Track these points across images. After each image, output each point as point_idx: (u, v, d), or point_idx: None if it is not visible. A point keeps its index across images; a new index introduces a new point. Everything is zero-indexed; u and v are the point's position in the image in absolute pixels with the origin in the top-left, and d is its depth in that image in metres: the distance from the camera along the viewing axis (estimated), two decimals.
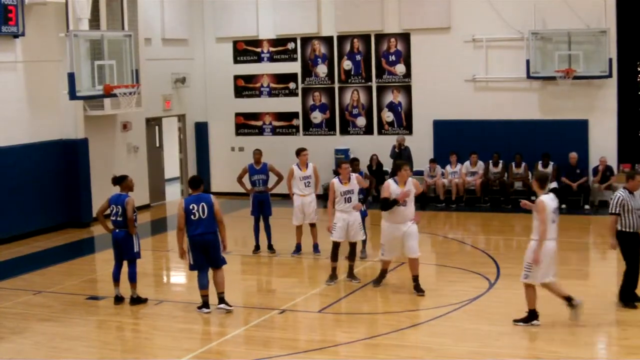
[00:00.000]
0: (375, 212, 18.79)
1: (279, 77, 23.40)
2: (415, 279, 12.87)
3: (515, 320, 11.36)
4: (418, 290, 12.81)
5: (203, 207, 11.94)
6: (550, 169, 20.44)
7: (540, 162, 20.55)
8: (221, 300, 12.20)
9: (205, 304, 12.29)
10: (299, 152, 15.98)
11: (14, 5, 17.69)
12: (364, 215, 15.35)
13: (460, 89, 21.50)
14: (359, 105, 22.67)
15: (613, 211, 11.68)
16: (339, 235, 13.68)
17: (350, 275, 13.79)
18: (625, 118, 20.53)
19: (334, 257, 13.77)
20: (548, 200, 11.01)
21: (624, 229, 11.70)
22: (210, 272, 12.27)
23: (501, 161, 21.00)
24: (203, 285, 12.27)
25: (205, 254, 12.11)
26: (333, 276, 13.76)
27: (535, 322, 11.30)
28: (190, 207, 11.99)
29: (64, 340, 11.35)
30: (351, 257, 13.81)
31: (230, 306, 12.20)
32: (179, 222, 12.07)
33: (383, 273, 13.45)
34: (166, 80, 22.92)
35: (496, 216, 19.87)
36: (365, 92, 22.58)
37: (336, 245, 13.77)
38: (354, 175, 13.83)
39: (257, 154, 16.33)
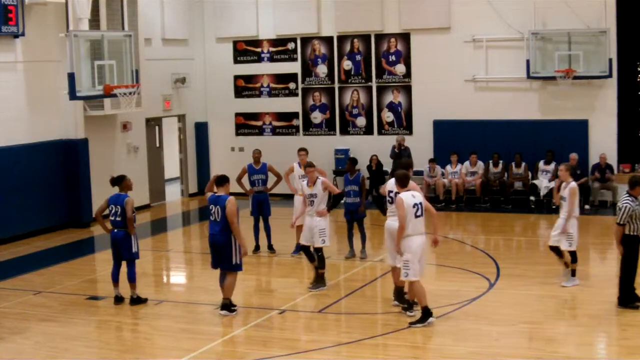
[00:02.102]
0: (375, 211, 18.81)
1: (279, 77, 23.40)
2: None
3: (411, 323, 11.33)
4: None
5: (218, 210, 11.95)
6: (552, 166, 20.42)
7: (542, 160, 20.52)
8: (224, 306, 12.16)
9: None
10: (298, 152, 16.00)
11: (14, 5, 17.69)
12: (362, 216, 15.36)
13: (460, 89, 21.50)
14: (359, 105, 22.67)
15: (621, 222, 11.58)
16: (304, 238, 13.64)
17: (315, 282, 13.48)
18: (625, 118, 20.53)
19: (309, 259, 13.62)
20: (406, 198, 11.26)
21: (630, 233, 11.66)
22: None
23: (501, 161, 20.99)
24: (221, 284, 12.27)
25: (217, 255, 12.11)
26: (322, 279, 13.49)
27: (431, 319, 11.35)
28: (210, 207, 12.08)
29: (64, 340, 11.35)
30: (318, 263, 13.48)
31: (232, 311, 12.15)
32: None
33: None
34: (166, 80, 22.92)
35: (496, 216, 19.87)
36: (365, 92, 22.58)
37: (304, 248, 13.64)
38: (320, 180, 13.64)
39: (257, 153, 16.33)
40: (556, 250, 13.33)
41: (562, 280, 13.20)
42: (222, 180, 12.15)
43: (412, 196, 11.33)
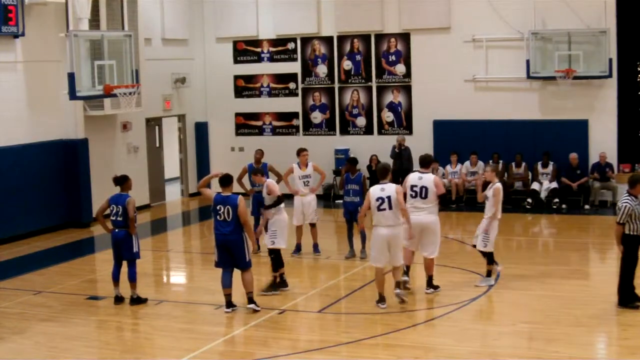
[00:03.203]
0: None
1: (279, 77, 23.40)
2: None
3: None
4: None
5: (228, 209, 11.93)
6: (550, 168, 20.45)
7: (540, 162, 20.56)
8: (250, 300, 12.21)
9: (226, 304, 12.29)
10: (299, 152, 16.02)
11: (14, 5, 17.70)
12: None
13: (460, 89, 21.50)
14: (359, 105, 22.67)
15: (621, 221, 11.58)
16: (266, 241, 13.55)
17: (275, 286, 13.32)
18: (625, 118, 20.54)
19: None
20: (372, 191, 12.11)
21: (630, 233, 11.65)
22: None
23: (501, 161, 21.00)
24: (223, 284, 12.26)
25: (229, 254, 12.09)
26: (276, 284, 13.32)
27: (381, 304, 12.19)
28: (218, 207, 12.03)
29: (64, 340, 11.35)
30: (272, 266, 13.38)
31: (259, 307, 12.21)
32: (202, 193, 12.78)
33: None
34: (166, 80, 22.93)
35: None
36: (365, 92, 22.58)
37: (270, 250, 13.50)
38: (266, 182, 13.45)
39: (258, 153, 16.34)
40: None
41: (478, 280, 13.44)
42: (228, 181, 12.15)
43: (380, 190, 12.03)
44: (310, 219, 15.89)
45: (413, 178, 12.66)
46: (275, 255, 13.33)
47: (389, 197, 11.92)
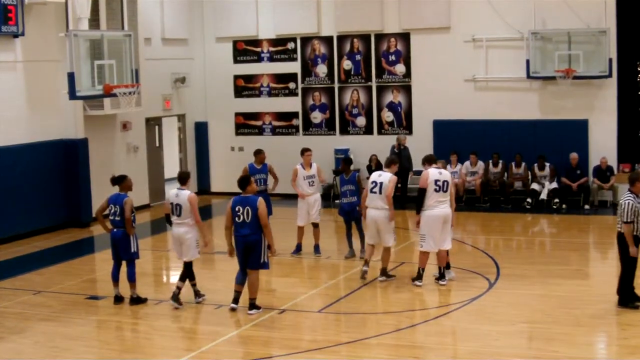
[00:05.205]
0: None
1: (279, 77, 23.40)
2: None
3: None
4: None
5: (248, 210, 11.92)
6: (547, 170, 20.44)
7: (535, 164, 20.51)
8: (251, 305, 12.17)
9: (233, 299, 12.30)
10: (303, 152, 16.01)
11: (14, 5, 17.69)
12: (358, 215, 15.18)
13: (460, 89, 21.50)
14: (358, 105, 22.67)
15: (629, 219, 11.46)
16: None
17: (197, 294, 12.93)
18: (625, 118, 20.53)
19: (182, 277, 12.93)
20: (372, 175, 13.57)
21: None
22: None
23: (501, 161, 20.99)
24: (236, 280, 12.31)
25: (246, 255, 12.08)
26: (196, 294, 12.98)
27: (364, 267, 13.73)
28: (236, 209, 12.01)
29: (64, 340, 11.35)
30: (189, 277, 12.95)
31: (259, 308, 12.18)
32: (226, 220, 12.18)
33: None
34: (166, 80, 22.92)
35: (496, 216, 19.88)
36: (365, 92, 22.58)
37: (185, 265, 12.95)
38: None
39: (262, 154, 16.31)
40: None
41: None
42: (247, 182, 12.16)
43: (378, 175, 13.45)
44: (314, 218, 15.89)
45: (434, 173, 13.15)
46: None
47: (381, 183, 13.27)
